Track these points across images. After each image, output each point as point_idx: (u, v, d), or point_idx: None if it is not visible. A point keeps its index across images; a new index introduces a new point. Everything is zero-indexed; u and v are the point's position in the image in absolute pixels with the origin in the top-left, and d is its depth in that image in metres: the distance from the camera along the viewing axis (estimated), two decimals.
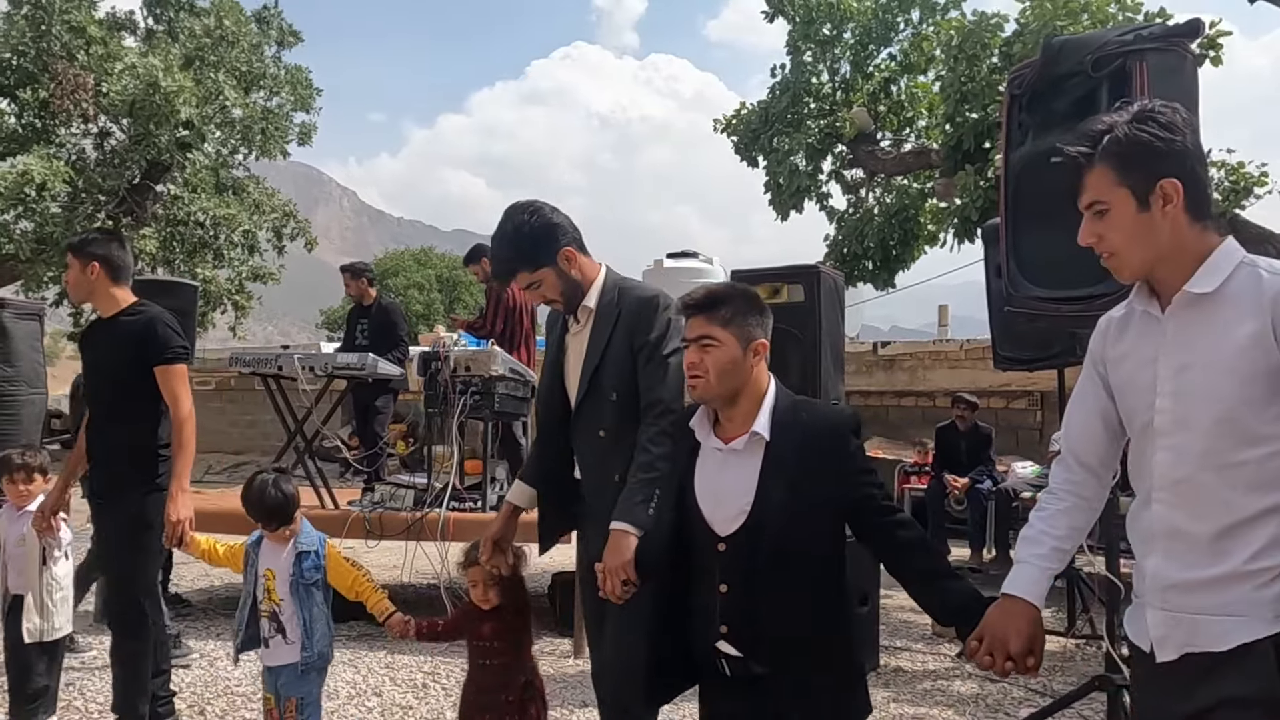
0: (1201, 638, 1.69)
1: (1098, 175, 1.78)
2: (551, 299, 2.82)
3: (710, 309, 2.24)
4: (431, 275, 37.76)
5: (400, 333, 7.70)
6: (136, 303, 3.74)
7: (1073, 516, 1.95)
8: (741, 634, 2.16)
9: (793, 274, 5.04)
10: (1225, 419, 1.68)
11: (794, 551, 2.12)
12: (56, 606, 3.88)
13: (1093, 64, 3.42)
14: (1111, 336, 1.92)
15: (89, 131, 14.11)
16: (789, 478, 2.13)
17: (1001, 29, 9.03)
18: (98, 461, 3.73)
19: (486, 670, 3.07)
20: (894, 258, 10.67)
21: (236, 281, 15.55)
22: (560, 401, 2.91)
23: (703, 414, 2.32)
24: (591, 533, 2.86)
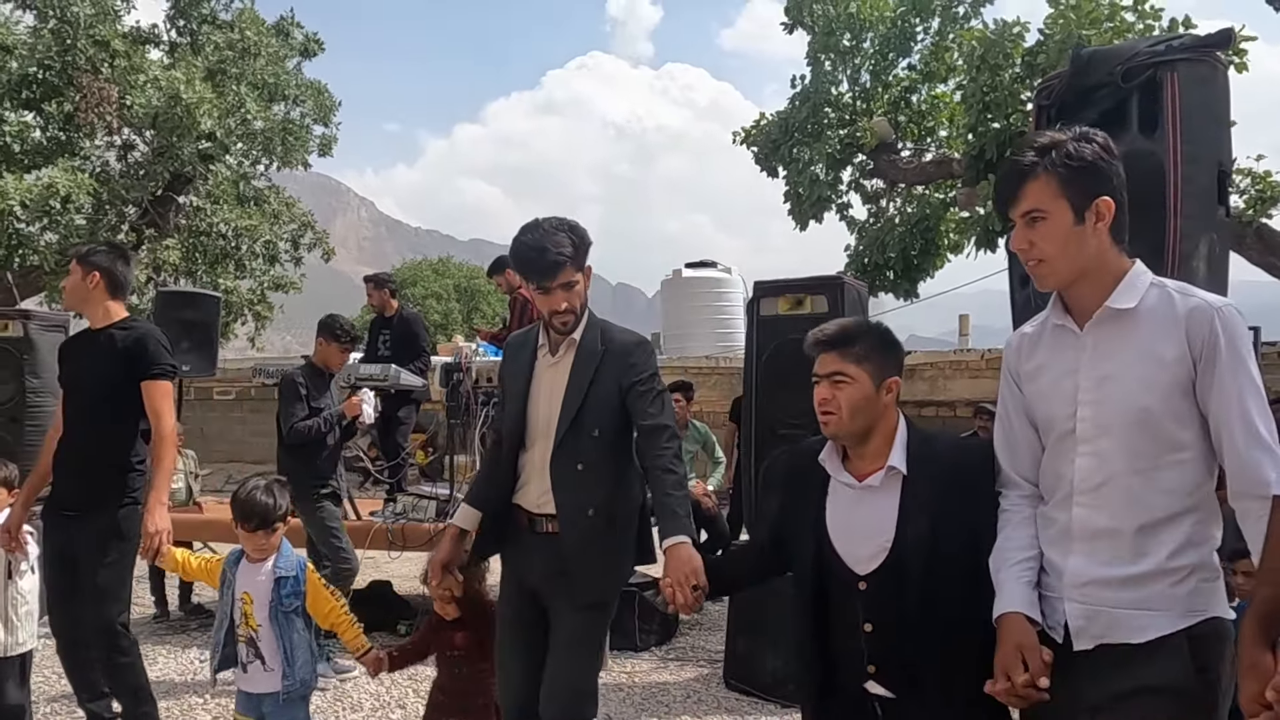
0: (1119, 630, 1.80)
1: (1040, 185, 1.85)
2: (572, 307, 2.82)
3: (843, 345, 2.22)
4: (449, 285, 37.93)
5: (422, 343, 7.73)
6: (129, 318, 3.75)
7: (1029, 527, 2.00)
8: (890, 673, 2.11)
9: (816, 285, 5.01)
10: (1146, 426, 1.79)
11: (940, 586, 2.05)
12: (21, 620, 3.82)
13: (1123, 75, 3.39)
14: (1025, 351, 2.01)
15: (113, 144, 14.24)
16: (929, 512, 2.09)
17: (1023, 38, 9.01)
18: (70, 474, 3.66)
19: (458, 677, 3.15)
20: (915, 267, 10.66)
21: (258, 291, 15.64)
22: (523, 431, 2.90)
23: (831, 449, 2.27)
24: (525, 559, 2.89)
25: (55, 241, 13.20)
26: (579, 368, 2.83)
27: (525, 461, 2.89)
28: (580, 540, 2.76)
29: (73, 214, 12.81)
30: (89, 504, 3.57)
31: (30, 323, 6.40)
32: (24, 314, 6.66)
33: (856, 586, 2.14)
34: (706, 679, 4.99)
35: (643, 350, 2.86)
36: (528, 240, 2.77)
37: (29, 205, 12.14)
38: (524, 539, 2.90)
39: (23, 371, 6.23)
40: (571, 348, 2.86)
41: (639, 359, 2.83)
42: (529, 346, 2.97)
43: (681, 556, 2.48)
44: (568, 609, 2.79)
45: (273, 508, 3.09)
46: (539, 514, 2.86)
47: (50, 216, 12.46)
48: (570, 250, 2.77)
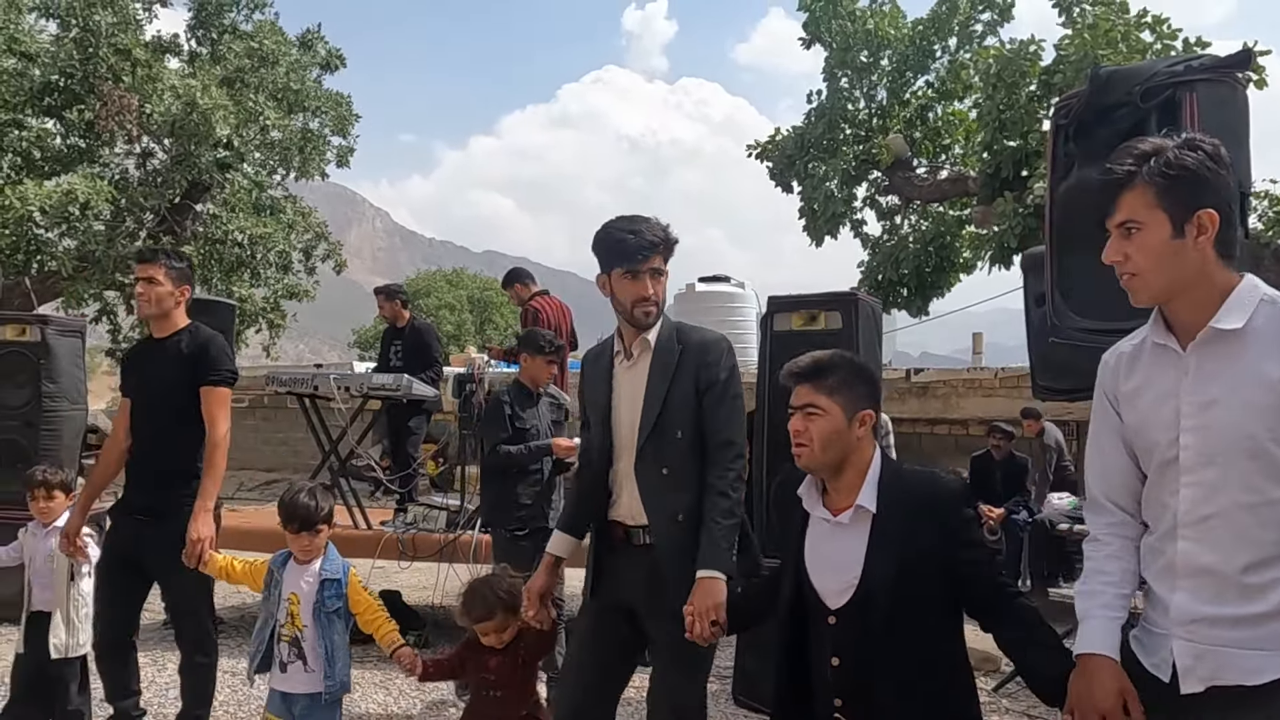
0: (1231, 671, 1.67)
1: (1136, 195, 1.76)
2: (657, 296, 2.76)
3: (815, 377, 2.22)
4: (463, 296, 38.08)
5: (434, 354, 7.72)
6: (192, 323, 3.80)
7: (1124, 560, 1.91)
8: (855, 708, 2.13)
9: (830, 301, 5.00)
10: (1255, 455, 1.66)
11: (904, 624, 2.05)
12: (81, 623, 3.90)
13: (1141, 94, 3.39)
14: (1123, 371, 1.89)
15: (132, 152, 14.36)
16: (897, 550, 2.09)
17: (1040, 57, 9.02)
18: (141, 480, 3.73)
19: (489, 701, 3.06)
20: (929, 284, 10.65)
21: (272, 300, 15.72)
22: (610, 443, 2.84)
23: (810, 483, 2.29)
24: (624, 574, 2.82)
25: (73, 248, 13.30)
26: (656, 370, 2.76)
27: (615, 474, 2.83)
28: (673, 547, 2.67)
29: (91, 221, 12.91)
30: (162, 510, 3.60)
31: (47, 328, 6.44)
32: (41, 319, 6.70)
33: (827, 620, 2.16)
34: (715, 695, 4.96)
35: (715, 349, 2.77)
36: (620, 224, 2.75)
37: (48, 211, 12.24)
38: (620, 553, 2.83)
39: (39, 376, 6.27)
40: (647, 350, 2.78)
41: (715, 358, 2.74)
42: (605, 356, 2.91)
43: (708, 590, 2.48)
44: (664, 620, 2.65)
45: (314, 510, 3.14)
46: (634, 526, 2.79)
47: (69, 223, 12.57)
48: (661, 235, 2.74)
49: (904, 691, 2.06)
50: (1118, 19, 8.07)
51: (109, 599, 3.75)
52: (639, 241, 2.72)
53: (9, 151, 13.54)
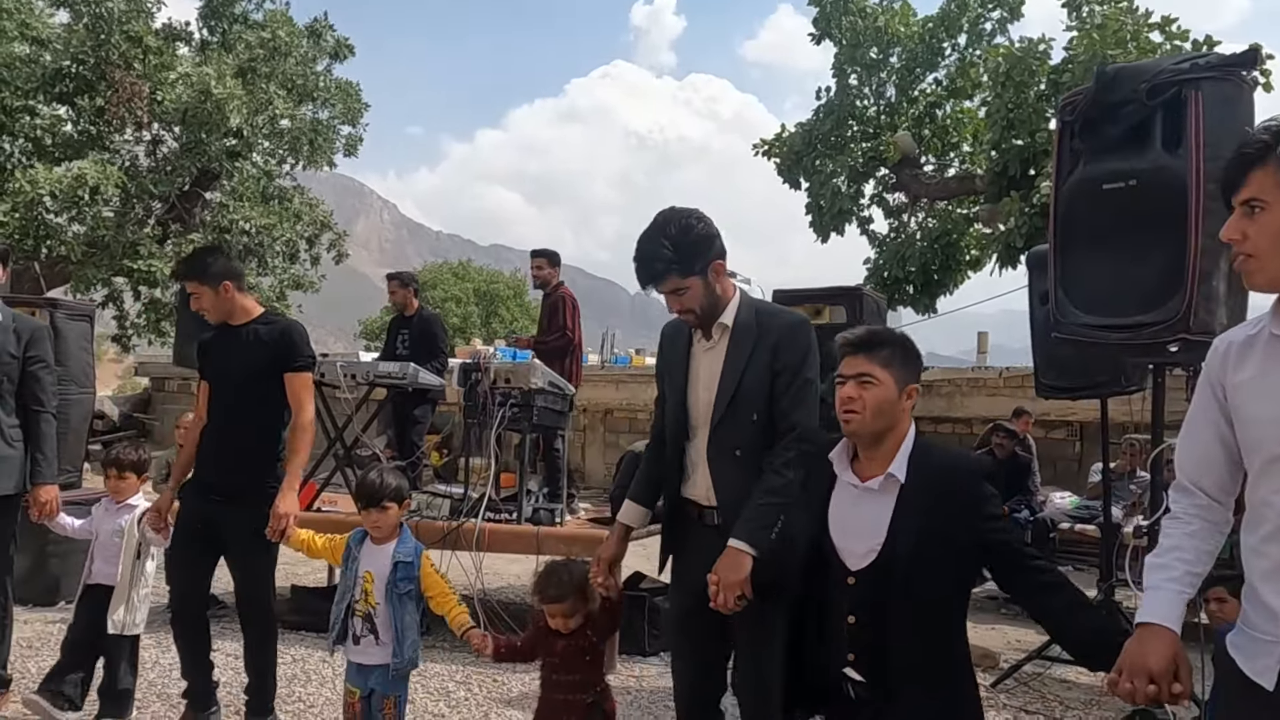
0: None
1: (1267, 172, 1.65)
2: (690, 308, 2.74)
3: (872, 348, 2.29)
4: (469, 289, 38.08)
5: (440, 343, 7.75)
6: (266, 312, 3.92)
7: (1203, 540, 1.86)
8: (867, 662, 2.23)
9: (835, 295, 5.03)
10: None
11: (921, 590, 2.16)
12: (140, 602, 3.99)
13: (1147, 92, 3.41)
14: (1233, 360, 1.78)
15: (142, 139, 14.42)
16: (920, 519, 2.18)
17: (1049, 56, 9.02)
18: (218, 463, 3.79)
19: (556, 686, 3.09)
20: (935, 282, 10.65)
21: (278, 289, 15.77)
22: (686, 420, 2.84)
23: (842, 449, 2.36)
24: (697, 554, 2.80)
25: (82, 233, 13.36)
26: (733, 352, 2.74)
27: (690, 452, 2.83)
28: None
29: (100, 206, 12.97)
30: (239, 493, 3.68)
31: (57, 312, 6.50)
32: (51, 302, 6.76)
33: (846, 580, 2.24)
34: None
35: (797, 333, 2.74)
36: (648, 238, 2.72)
37: (58, 196, 12.30)
38: (694, 533, 2.83)
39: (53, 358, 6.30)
40: (725, 332, 2.77)
41: (791, 341, 2.72)
42: (684, 334, 2.89)
43: (737, 564, 2.50)
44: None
45: (379, 486, 3.25)
46: (707, 506, 2.79)
47: (79, 208, 12.62)
48: (669, 256, 2.68)
49: (911, 650, 2.17)
50: (1127, 19, 8.07)
51: (181, 574, 3.90)
52: (642, 274, 2.74)
53: (20, 137, 13.61)
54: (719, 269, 2.75)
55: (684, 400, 2.84)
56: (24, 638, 5.19)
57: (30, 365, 4.00)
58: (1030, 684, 5.05)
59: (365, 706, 3.26)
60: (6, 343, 3.94)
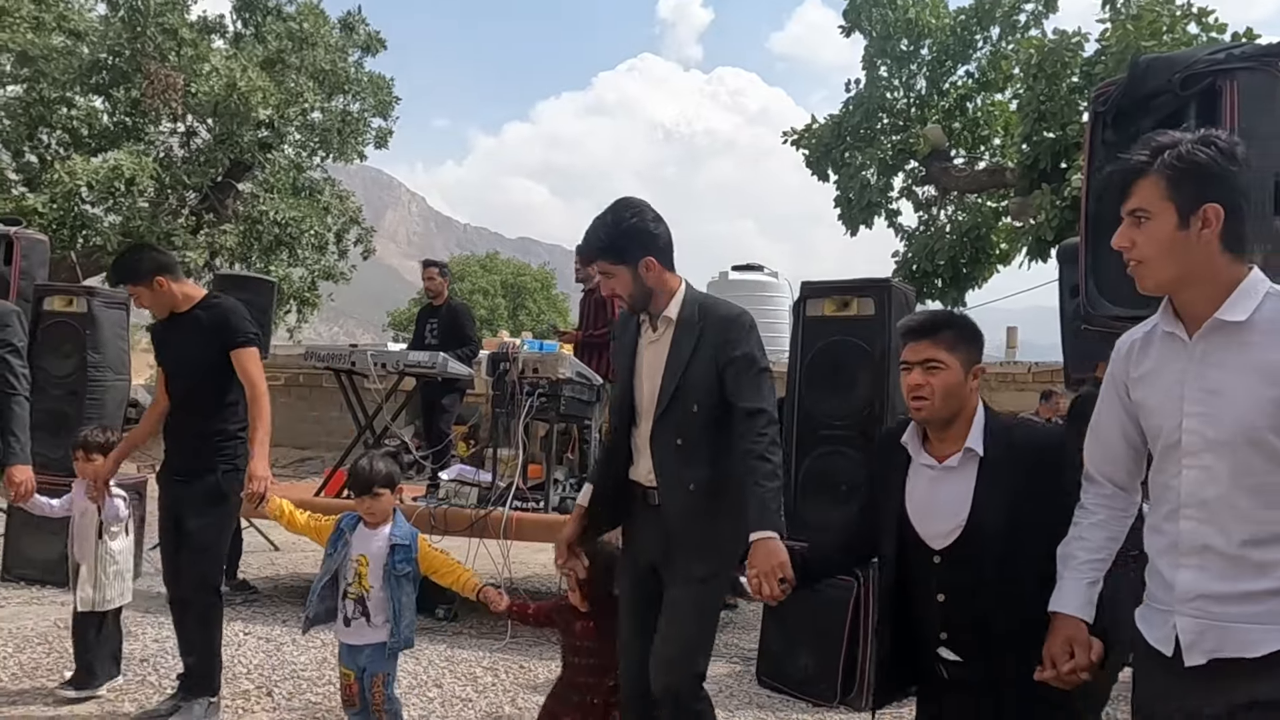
0: (1231, 644, 1.76)
1: (1149, 184, 1.82)
2: (618, 294, 2.89)
3: (935, 333, 2.33)
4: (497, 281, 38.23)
5: (469, 332, 7.80)
6: (208, 295, 3.95)
7: (1106, 528, 2.06)
8: (961, 640, 2.27)
9: (863, 287, 4.99)
10: (1254, 442, 1.73)
11: (1009, 563, 2.19)
12: (109, 579, 4.07)
13: (1181, 83, 3.37)
14: (1134, 357, 1.96)
15: (176, 130, 14.59)
16: (1004, 492, 2.22)
17: (1083, 48, 8.92)
18: (178, 444, 3.88)
19: (576, 669, 3.14)
20: (965, 276, 10.58)
21: (309, 280, 15.92)
22: (631, 408, 2.94)
23: (914, 431, 2.40)
24: (642, 533, 2.91)
25: (118, 223, 13.55)
26: (678, 344, 2.82)
27: (635, 437, 2.92)
28: (681, 513, 2.76)
29: (136, 197, 13.14)
30: (195, 469, 3.78)
31: (94, 299, 6.58)
32: (88, 290, 6.85)
33: (931, 560, 2.29)
34: (739, 675, 5.01)
35: (740, 324, 2.81)
36: (593, 222, 2.86)
37: (95, 186, 12.48)
38: (638, 512, 2.92)
39: (85, 346, 6.41)
40: (670, 325, 2.85)
41: (736, 334, 2.79)
42: (633, 325, 2.99)
43: (770, 551, 2.53)
44: (675, 583, 2.77)
45: (370, 473, 3.31)
46: (649, 487, 2.87)
47: (114, 198, 12.80)
48: (597, 246, 2.82)
49: (1006, 625, 2.19)
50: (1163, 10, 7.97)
51: (166, 557, 3.94)
52: (585, 250, 2.89)
53: (58, 129, 13.81)
54: (650, 264, 2.81)
55: (630, 389, 2.93)
56: (62, 619, 5.31)
57: (0, 349, 4.06)
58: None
59: (360, 686, 3.34)
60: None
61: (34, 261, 6.87)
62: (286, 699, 4.28)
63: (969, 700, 2.29)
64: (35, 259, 6.90)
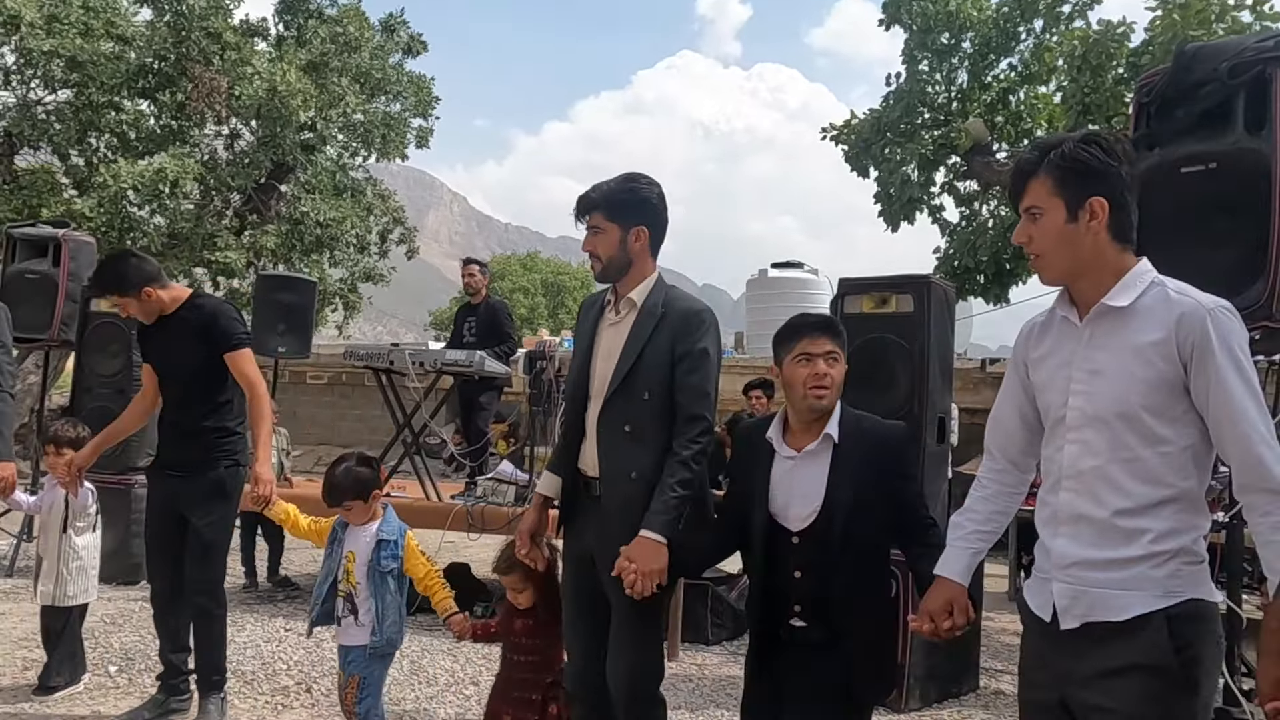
0: (1102, 609, 1.88)
1: (1039, 184, 1.97)
2: (598, 253, 2.85)
3: (834, 329, 2.61)
4: (537, 280, 38.44)
5: (507, 329, 7.84)
6: (193, 295, 3.94)
7: (995, 502, 2.23)
8: (811, 611, 2.52)
9: (902, 284, 4.94)
10: (1128, 418, 1.88)
11: (856, 540, 2.46)
12: (72, 575, 4.10)
13: (1228, 71, 3.30)
14: (1034, 340, 2.11)
15: (220, 133, 14.80)
16: (853, 476, 2.48)
17: (1128, 39, 8.74)
18: (174, 441, 3.88)
19: (517, 666, 3.13)
20: (1008, 272, 10.41)
21: (350, 281, 16.08)
22: (586, 389, 2.90)
23: (778, 424, 2.61)
24: (582, 524, 2.88)
25: (164, 225, 13.78)
26: (637, 329, 2.79)
27: (584, 422, 2.88)
28: (621, 504, 2.71)
29: (180, 199, 13.35)
30: (195, 464, 3.78)
31: None
32: None
33: (790, 541, 2.52)
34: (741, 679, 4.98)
35: (699, 319, 2.78)
36: (602, 181, 2.89)
37: (140, 189, 12.70)
38: (580, 502, 2.89)
39: (130, 346, 6.53)
40: (633, 309, 2.83)
41: (693, 328, 2.77)
42: (597, 306, 2.98)
43: (652, 553, 2.56)
44: (614, 582, 2.67)
45: (338, 486, 3.31)
46: (591, 477, 2.84)
47: (159, 200, 13.01)
48: (598, 195, 2.83)
49: (848, 593, 2.46)
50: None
51: (154, 554, 3.95)
52: (582, 201, 2.87)
53: (106, 132, 14.07)
54: (639, 234, 2.83)
55: (586, 369, 2.91)
56: (107, 614, 5.40)
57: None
58: None
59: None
60: None
61: (81, 263, 7.03)
62: (325, 695, 4.31)
63: (804, 654, 2.52)
64: (83, 260, 7.05)
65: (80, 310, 6.86)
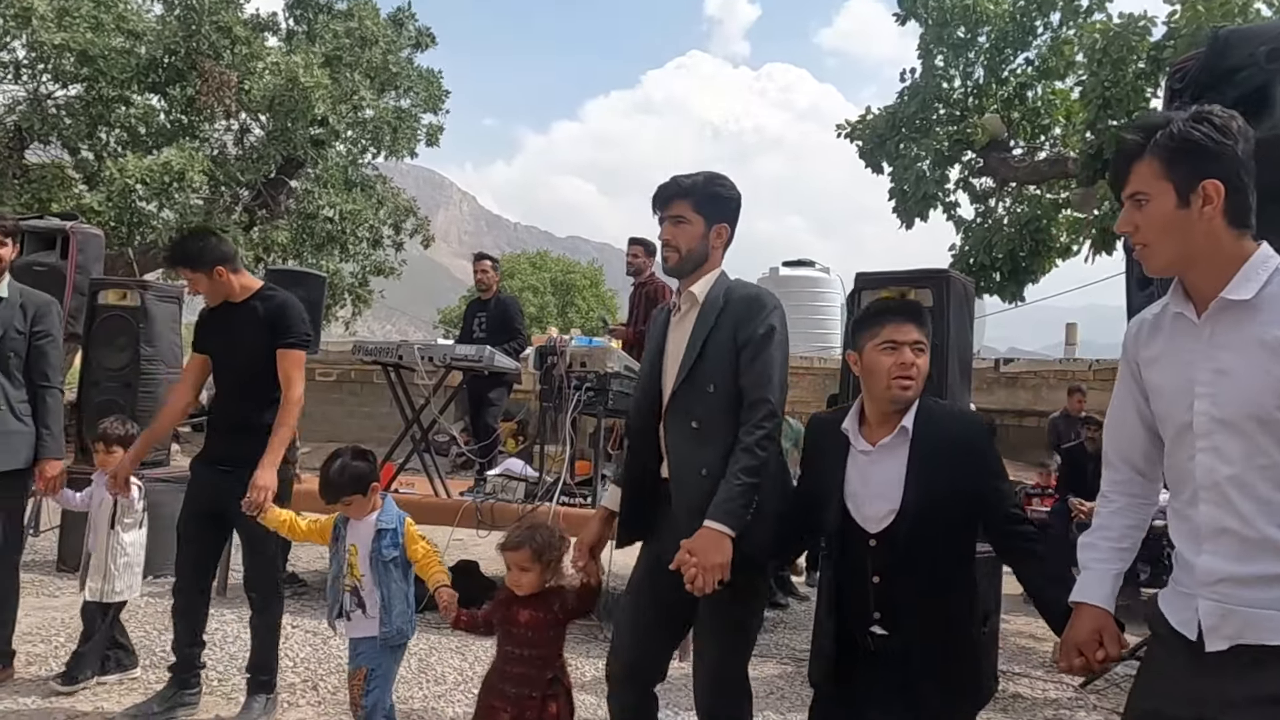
0: (1255, 630, 1.71)
1: (1145, 166, 1.81)
2: (677, 244, 2.79)
3: (920, 317, 2.45)
4: (546, 279, 38.40)
5: (517, 325, 7.78)
6: (264, 287, 3.89)
7: (1127, 516, 2.05)
8: (892, 618, 2.37)
9: (921, 278, 4.84)
10: (1263, 421, 1.71)
11: (938, 542, 2.32)
12: (119, 571, 4.06)
13: (1266, 55, 3.18)
14: (1144, 339, 1.95)
15: (230, 127, 14.78)
16: (931, 471, 2.32)
17: (1149, 32, 8.61)
18: (225, 434, 3.83)
19: (514, 659, 2.94)
20: (1024, 269, 10.30)
21: (360, 276, 16.05)
22: (657, 394, 2.84)
23: (854, 417, 2.47)
24: (661, 527, 2.80)
25: (173, 220, 13.76)
26: (700, 322, 2.74)
27: (663, 428, 2.81)
28: (693, 503, 2.60)
29: (189, 193, 13.32)
30: (247, 460, 3.65)
31: (147, 293, 6.65)
32: (141, 284, 6.92)
33: (867, 544, 2.37)
34: (790, 676, 4.90)
35: (759, 303, 2.71)
36: (683, 175, 2.83)
37: (148, 183, 12.67)
38: (657, 506, 2.82)
39: (138, 339, 6.49)
40: (694, 304, 2.78)
41: (754, 312, 2.68)
42: (665, 311, 2.96)
43: (718, 546, 2.46)
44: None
45: (331, 484, 3.27)
46: (665, 478, 2.78)
47: (168, 194, 12.98)
48: (688, 185, 2.78)
49: (933, 599, 2.32)
50: None
51: (186, 547, 3.88)
52: (664, 191, 2.83)
53: (116, 127, 14.05)
54: (721, 231, 2.81)
55: (658, 373, 2.85)
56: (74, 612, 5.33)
57: (37, 340, 4.03)
58: (1122, 685, 4.83)
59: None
60: (14, 318, 3.96)
61: (89, 256, 6.96)
62: (332, 693, 4.24)
63: (889, 664, 2.37)
64: (90, 253, 6.99)
65: (88, 303, 6.80)
